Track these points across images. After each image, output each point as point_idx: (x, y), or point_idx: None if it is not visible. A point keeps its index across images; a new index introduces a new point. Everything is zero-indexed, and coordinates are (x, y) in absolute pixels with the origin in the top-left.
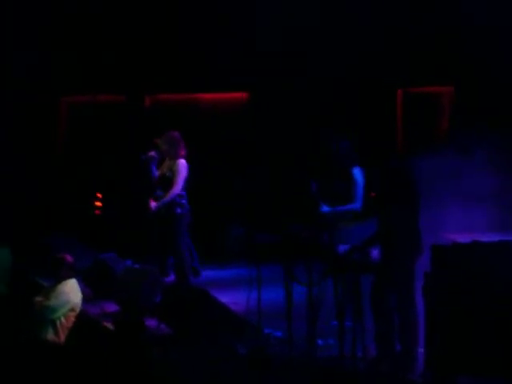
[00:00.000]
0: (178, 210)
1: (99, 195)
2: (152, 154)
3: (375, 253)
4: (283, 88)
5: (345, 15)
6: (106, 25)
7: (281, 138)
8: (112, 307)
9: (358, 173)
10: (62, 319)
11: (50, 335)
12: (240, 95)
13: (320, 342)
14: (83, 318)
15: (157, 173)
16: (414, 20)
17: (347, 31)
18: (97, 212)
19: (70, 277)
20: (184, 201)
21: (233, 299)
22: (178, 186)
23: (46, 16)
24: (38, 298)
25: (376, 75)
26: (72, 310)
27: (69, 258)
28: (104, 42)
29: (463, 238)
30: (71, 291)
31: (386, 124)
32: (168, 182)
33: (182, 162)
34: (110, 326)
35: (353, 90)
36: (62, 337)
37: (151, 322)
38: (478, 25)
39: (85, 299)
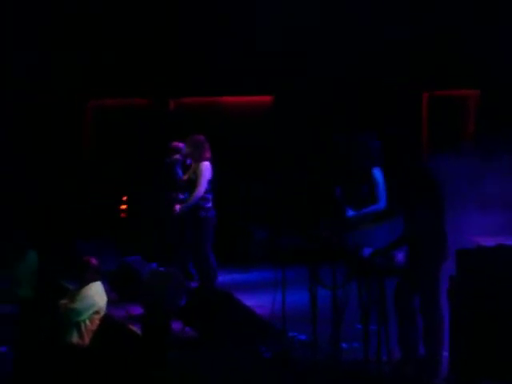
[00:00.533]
0: (202, 214)
1: (125, 198)
2: (177, 157)
3: (400, 256)
4: (308, 91)
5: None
6: (131, 29)
7: (303, 141)
8: (137, 310)
9: (378, 173)
10: (87, 322)
11: (75, 338)
12: (264, 99)
13: (344, 345)
14: (108, 321)
15: (183, 176)
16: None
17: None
18: (122, 215)
19: (95, 280)
20: (209, 204)
21: (257, 302)
22: (202, 188)
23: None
24: (63, 301)
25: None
26: (97, 312)
27: (94, 261)
28: (131, 47)
29: (488, 242)
30: (96, 294)
31: (409, 126)
32: (193, 184)
33: (206, 164)
34: (135, 329)
35: (375, 92)
36: (87, 340)
37: (176, 325)
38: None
39: (110, 302)
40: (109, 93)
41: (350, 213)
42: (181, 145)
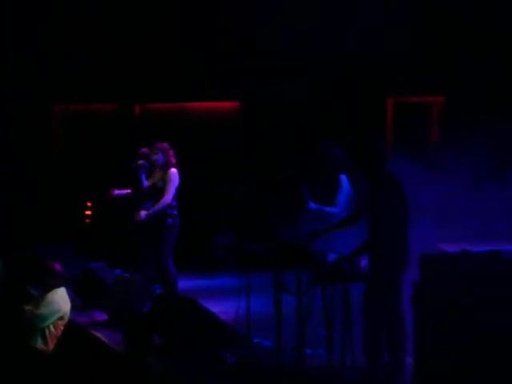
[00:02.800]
0: (169, 221)
1: (89, 204)
2: (141, 162)
3: (364, 262)
4: (273, 96)
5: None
6: (99, 34)
7: (271, 144)
8: (101, 316)
9: (344, 180)
10: (51, 328)
11: (39, 344)
12: (231, 104)
13: (309, 351)
14: (72, 328)
15: (146, 182)
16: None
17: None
18: (87, 221)
19: (59, 285)
20: (175, 212)
21: (222, 308)
22: (170, 196)
23: (41, 19)
24: (28, 307)
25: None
26: (61, 318)
27: (57, 266)
28: (96, 51)
29: (451, 248)
30: (61, 300)
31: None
32: (160, 192)
33: (174, 171)
34: (99, 335)
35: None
36: (51, 345)
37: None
38: None
39: (74, 308)
40: (74, 97)
41: (312, 205)
42: (145, 150)
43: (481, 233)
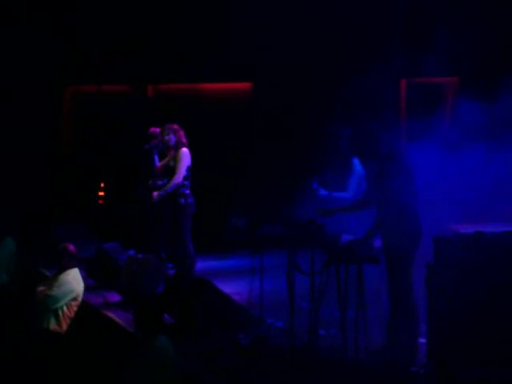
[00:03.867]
0: (182, 200)
1: (102, 185)
2: (155, 143)
3: (378, 243)
4: (286, 77)
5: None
6: (113, 16)
7: (284, 126)
8: (114, 297)
9: (357, 163)
10: (64, 309)
11: (53, 325)
12: (243, 85)
13: (322, 332)
14: (85, 308)
15: (159, 163)
16: None
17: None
18: (100, 202)
19: (72, 266)
20: (188, 191)
21: (235, 289)
22: (180, 175)
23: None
24: (41, 288)
25: None
26: (74, 299)
27: (71, 247)
28: (110, 32)
29: (466, 229)
30: (73, 281)
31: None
32: (171, 171)
33: (185, 150)
34: (112, 315)
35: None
36: (64, 326)
37: None
38: None
39: (87, 289)
40: (87, 79)
41: (322, 192)
42: (158, 130)
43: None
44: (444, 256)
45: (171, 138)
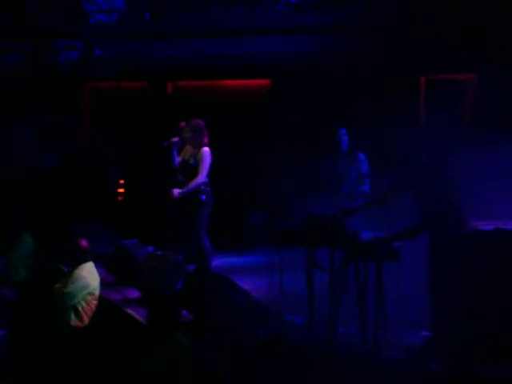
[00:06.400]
0: (203, 197)
1: (122, 181)
2: (175, 140)
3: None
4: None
5: None
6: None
7: (303, 123)
8: (134, 294)
9: (362, 157)
10: (83, 303)
11: (74, 320)
12: (262, 82)
13: (341, 329)
14: (105, 305)
15: (178, 159)
16: None
17: None
18: (120, 198)
19: (86, 261)
20: (208, 188)
21: (254, 286)
22: (203, 175)
23: None
24: (58, 285)
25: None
26: (91, 293)
27: (84, 242)
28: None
29: (487, 226)
30: (88, 275)
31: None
32: (192, 169)
33: (206, 149)
34: (132, 312)
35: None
36: (86, 321)
37: None
38: None
39: (107, 286)
40: (107, 76)
41: (344, 188)
42: (183, 124)
43: None
44: (464, 252)
45: (193, 136)
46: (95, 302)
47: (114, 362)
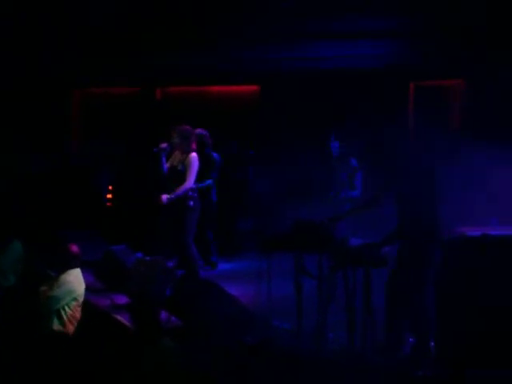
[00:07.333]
0: (191, 203)
1: (110, 187)
2: (164, 146)
3: (386, 247)
4: (293, 81)
5: None
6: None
7: (291, 128)
8: (122, 299)
9: (354, 162)
10: (67, 309)
11: (56, 325)
12: (251, 88)
13: (331, 334)
14: (93, 311)
15: (166, 165)
16: None
17: None
18: (108, 204)
19: (74, 266)
20: (196, 194)
21: (242, 292)
22: (191, 181)
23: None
24: (43, 288)
25: None
26: (75, 299)
27: (74, 247)
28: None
29: (473, 232)
30: (75, 280)
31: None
32: (179, 175)
33: (194, 155)
34: (120, 318)
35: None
36: (70, 327)
37: (162, 315)
38: None
39: (95, 291)
40: (96, 81)
41: (332, 193)
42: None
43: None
44: (451, 258)
45: (181, 142)
46: (79, 309)
47: (102, 368)
